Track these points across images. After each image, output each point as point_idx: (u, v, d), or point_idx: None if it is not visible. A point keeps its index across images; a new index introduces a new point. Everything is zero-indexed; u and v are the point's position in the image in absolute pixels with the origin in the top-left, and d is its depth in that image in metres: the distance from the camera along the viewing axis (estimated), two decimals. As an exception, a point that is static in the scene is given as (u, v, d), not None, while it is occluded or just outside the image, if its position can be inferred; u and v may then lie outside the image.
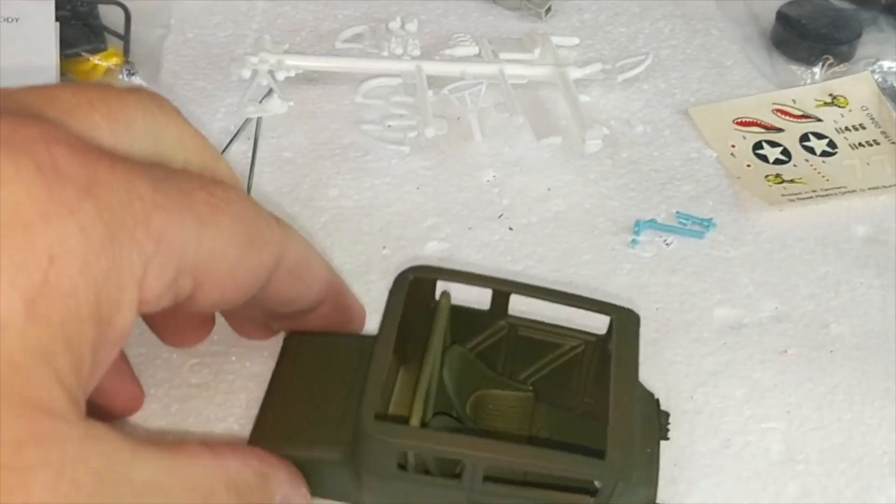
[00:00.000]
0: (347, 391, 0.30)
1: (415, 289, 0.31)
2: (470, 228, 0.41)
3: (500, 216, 0.42)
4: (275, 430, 0.30)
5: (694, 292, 0.39)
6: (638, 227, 0.41)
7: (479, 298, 0.33)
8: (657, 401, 0.32)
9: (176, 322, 0.33)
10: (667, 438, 0.31)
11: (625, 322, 0.31)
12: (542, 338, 0.33)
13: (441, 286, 0.32)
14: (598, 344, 0.33)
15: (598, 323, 0.32)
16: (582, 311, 0.31)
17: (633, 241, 0.41)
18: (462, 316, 0.33)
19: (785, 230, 0.42)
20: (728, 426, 0.35)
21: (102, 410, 0.32)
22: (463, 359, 0.33)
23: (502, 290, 0.32)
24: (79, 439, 0.21)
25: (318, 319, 0.32)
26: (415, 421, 0.28)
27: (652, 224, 0.41)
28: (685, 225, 0.41)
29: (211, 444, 0.26)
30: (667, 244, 0.41)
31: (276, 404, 0.31)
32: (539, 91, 0.47)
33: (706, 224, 0.41)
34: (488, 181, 0.43)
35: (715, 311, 0.38)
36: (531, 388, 0.33)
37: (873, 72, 0.49)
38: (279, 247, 0.27)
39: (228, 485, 0.26)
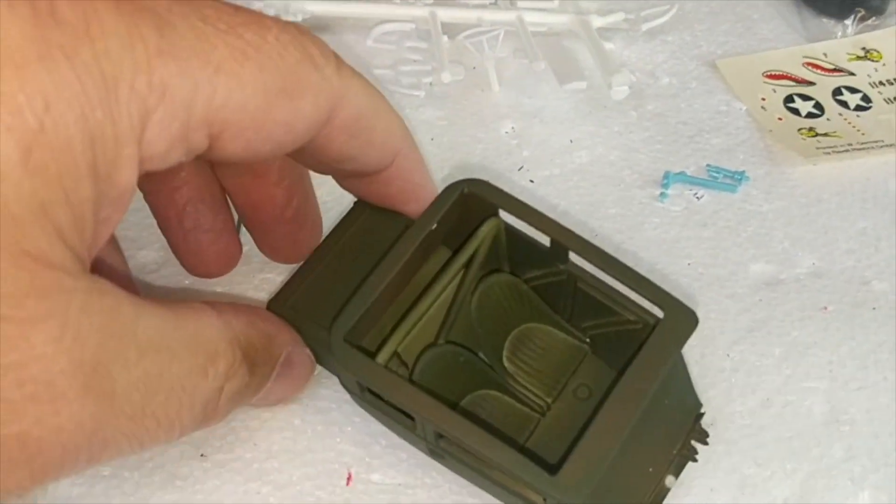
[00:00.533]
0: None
1: (466, 206, 0.29)
2: (488, 181, 0.39)
3: (520, 168, 0.39)
4: (294, 298, 0.29)
5: (727, 247, 0.37)
6: (667, 179, 0.39)
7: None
8: (700, 414, 0.29)
9: (198, 244, 0.31)
10: (694, 460, 0.29)
11: (674, 323, 0.27)
12: (602, 299, 0.29)
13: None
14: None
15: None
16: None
17: (662, 195, 0.39)
18: (519, 245, 0.30)
19: (820, 184, 0.40)
20: (767, 385, 0.33)
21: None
22: (511, 288, 0.30)
23: (562, 242, 0.29)
24: (83, 293, 0.20)
25: (379, 188, 0.29)
26: (383, 356, 0.27)
27: (681, 177, 0.39)
28: (716, 178, 0.39)
29: (216, 304, 0.25)
30: (697, 198, 0.39)
31: (308, 272, 0.30)
32: (559, 40, 0.45)
33: (738, 177, 0.39)
34: (507, 133, 0.41)
35: (750, 267, 0.36)
36: (588, 340, 0.30)
37: (908, 26, 0.47)
38: (330, 98, 0.24)
39: (232, 343, 0.25)
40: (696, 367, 0.32)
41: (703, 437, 0.29)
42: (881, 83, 0.45)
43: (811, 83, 0.44)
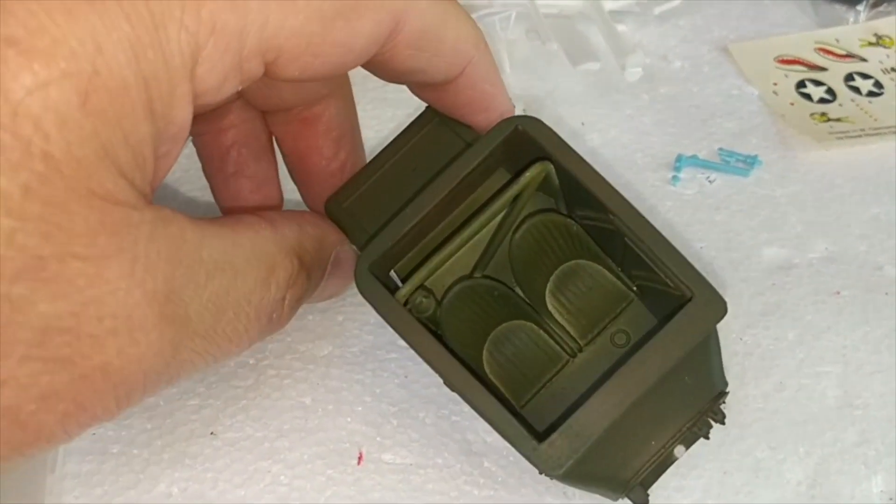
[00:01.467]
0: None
1: (520, 144, 0.28)
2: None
3: (531, 150, 0.39)
4: (349, 202, 0.29)
5: (740, 231, 0.37)
6: (679, 162, 0.39)
7: None
8: (723, 392, 0.28)
9: (238, 190, 0.31)
10: (706, 437, 0.28)
11: (701, 308, 0.26)
12: (644, 258, 0.27)
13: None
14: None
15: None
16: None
17: (674, 178, 0.38)
18: (573, 185, 0.28)
19: (833, 169, 0.39)
20: (781, 369, 0.32)
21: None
22: (561, 228, 0.29)
23: (603, 202, 0.27)
24: (149, 225, 0.20)
25: (449, 97, 0.28)
26: (408, 287, 0.27)
27: (694, 160, 0.39)
28: (729, 162, 0.39)
29: (267, 214, 0.26)
30: (710, 181, 0.38)
31: (367, 176, 0.30)
32: (571, 23, 0.45)
33: (751, 161, 0.39)
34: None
35: (763, 251, 0.36)
36: (636, 289, 0.29)
37: (920, 12, 0.46)
38: (392, 14, 0.24)
39: (289, 252, 0.25)
40: (709, 350, 0.32)
41: (720, 416, 0.28)
42: (893, 69, 0.44)
43: (823, 69, 0.44)
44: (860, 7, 0.47)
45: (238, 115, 0.30)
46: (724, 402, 0.28)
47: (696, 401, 0.27)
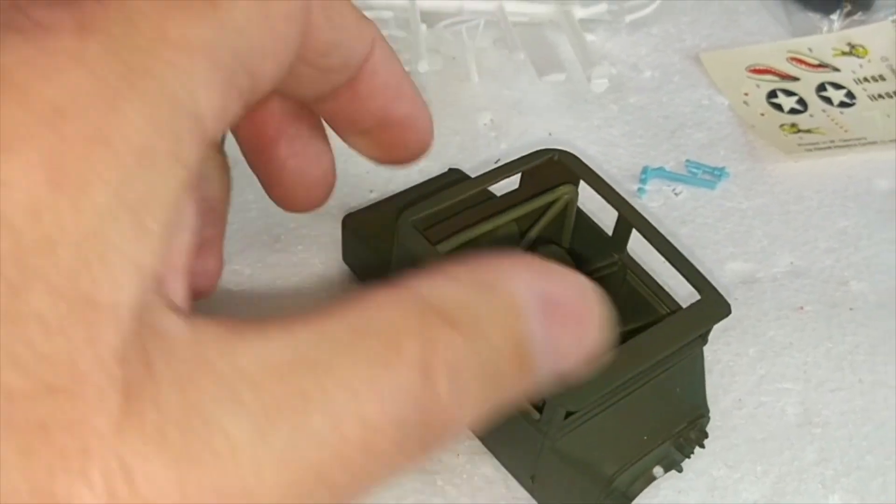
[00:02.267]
0: None
1: (544, 175, 0.31)
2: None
3: (496, 161, 0.39)
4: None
5: (705, 244, 0.36)
6: (645, 174, 0.38)
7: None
8: (701, 417, 0.29)
9: (295, 172, 0.29)
10: (687, 455, 0.29)
11: (707, 306, 0.27)
12: (645, 294, 0.30)
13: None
14: None
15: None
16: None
17: (640, 190, 0.38)
18: (584, 227, 0.32)
19: (802, 182, 0.39)
20: (740, 385, 0.32)
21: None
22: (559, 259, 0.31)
23: (629, 219, 0.30)
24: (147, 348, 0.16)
25: (365, 84, 0.26)
26: (445, 246, 0.29)
27: (660, 172, 0.38)
28: (695, 174, 0.39)
29: (393, 282, 0.19)
30: (676, 194, 0.38)
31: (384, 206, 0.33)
32: (540, 31, 0.44)
33: (718, 173, 0.39)
34: (485, 124, 0.40)
35: (727, 265, 0.36)
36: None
37: (894, 21, 0.46)
38: None
39: (422, 312, 0.18)
40: (668, 367, 0.32)
41: (701, 437, 0.29)
42: (866, 79, 0.44)
43: (795, 79, 0.44)
44: (834, 16, 0.46)
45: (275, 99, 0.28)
46: (703, 427, 0.29)
47: (683, 414, 0.28)
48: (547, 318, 0.19)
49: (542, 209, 0.32)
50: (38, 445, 0.14)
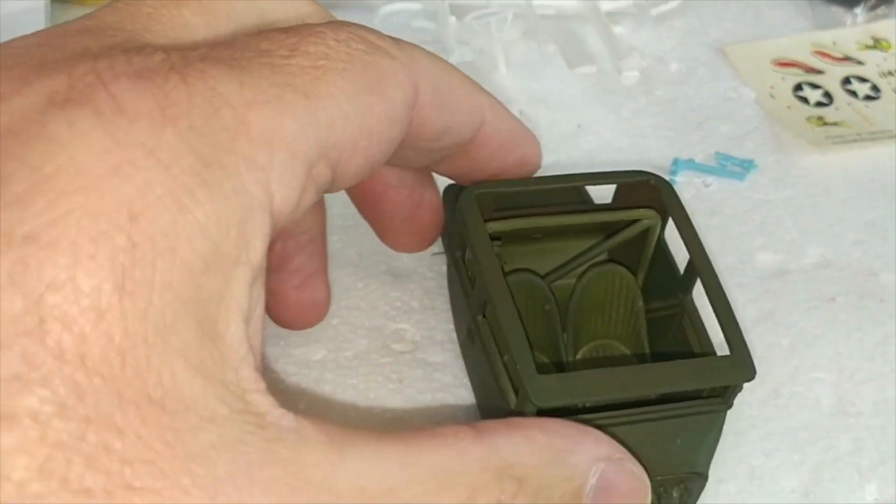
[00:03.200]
0: None
1: (637, 194, 0.30)
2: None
3: (527, 153, 0.39)
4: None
5: (735, 235, 0.37)
6: (676, 166, 0.39)
7: None
8: (693, 479, 0.27)
9: (279, 279, 0.29)
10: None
11: (732, 363, 0.26)
12: (691, 341, 0.29)
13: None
14: None
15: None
16: None
17: (671, 182, 0.38)
18: (660, 259, 0.31)
19: (829, 174, 0.39)
20: (775, 376, 0.32)
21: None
22: (629, 295, 0.31)
23: (697, 265, 0.29)
24: (239, 439, 0.16)
25: (482, 149, 0.27)
26: (496, 226, 0.29)
27: (690, 164, 0.39)
28: (725, 166, 0.39)
29: (479, 425, 0.20)
30: (706, 185, 0.38)
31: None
32: (567, 23, 0.44)
33: (747, 165, 0.39)
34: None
35: (757, 256, 0.36)
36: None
37: (917, 16, 0.46)
38: (410, 76, 0.23)
39: (499, 471, 0.19)
40: (703, 357, 0.32)
41: (685, 499, 0.27)
42: (890, 73, 0.44)
43: (820, 72, 0.44)
44: (857, 10, 0.47)
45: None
46: (694, 488, 0.27)
47: (672, 466, 0.27)
48: (600, 498, 0.21)
49: (617, 226, 0.31)
50: None
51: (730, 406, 0.27)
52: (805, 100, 0.43)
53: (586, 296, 0.31)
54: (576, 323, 0.31)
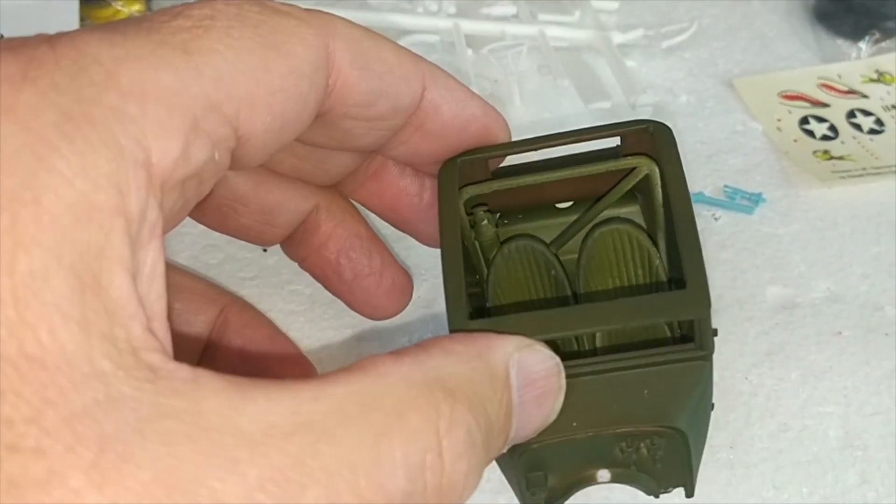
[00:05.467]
0: None
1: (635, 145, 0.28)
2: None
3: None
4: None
5: (745, 269, 0.38)
6: (686, 199, 0.39)
7: None
8: (664, 434, 0.25)
9: (366, 291, 0.31)
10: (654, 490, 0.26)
11: (686, 297, 0.24)
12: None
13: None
14: None
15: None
16: None
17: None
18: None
19: (835, 208, 0.40)
20: (785, 409, 0.33)
21: None
22: (641, 250, 0.30)
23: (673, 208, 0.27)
24: (128, 400, 0.16)
25: (432, 122, 0.27)
26: (471, 191, 0.29)
27: (699, 197, 0.40)
28: (734, 199, 0.40)
29: (399, 351, 0.19)
30: (715, 218, 0.39)
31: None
32: (581, 55, 0.45)
33: (755, 199, 0.40)
34: (528, 147, 0.41)
35: (767, 290, 0.37)
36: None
37: (919, 49, 0.47)
38: (319, 35, 0.22)
39: (427, 387, 0.18)
40: (715, 391, 0.33)
41: (654, 452, 0.25)
42: (893, 106, 0.45)
43: (826, 105, 0.45)
44: (862, 43, 0.48)
45: (327, 224, 0.30)
46: (671, 445, 0.25)
47: (638, 418, 0.24)
48: (524, 391, 0.21)
49: (613, 179, 0.29)
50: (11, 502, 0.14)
51: (706, 351, 0.25)
52: (811, 133, 0.44)
53: (594, 258, 0.29)
54: (588, 286, 0.29)
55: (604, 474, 0.25)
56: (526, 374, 0.22)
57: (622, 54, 0.44)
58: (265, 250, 0.37)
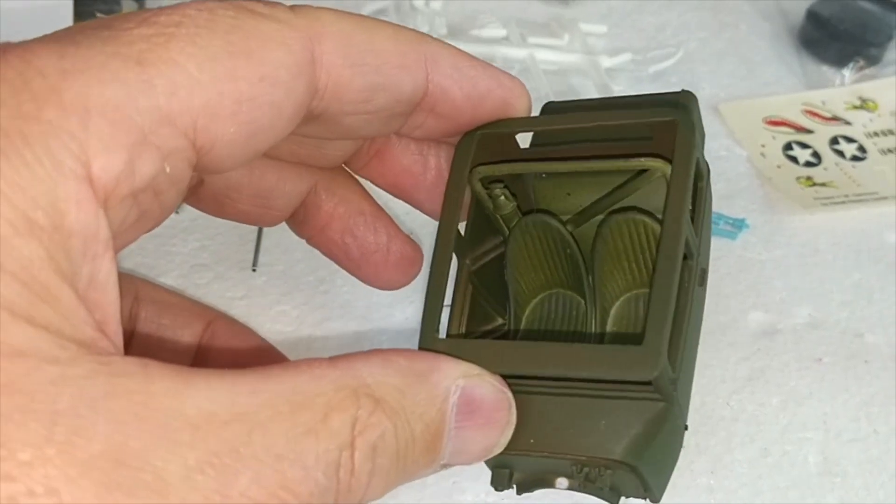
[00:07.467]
0: None
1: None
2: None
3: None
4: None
5: (728, 294, 0.38)
6: (671, 224, 0.40)
7: None
8: (621, 462, 0.24)
9: (374, 267, 0.31)
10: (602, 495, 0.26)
11: (636, 357, 0.23)
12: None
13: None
14: None
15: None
16: None
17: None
18: None
19: (817, 235, 0.41)
20: (765, 435, 0.34)
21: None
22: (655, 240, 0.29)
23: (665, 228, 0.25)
24: (82, 378, 0.17)
25: (442, 108, 0.26)
26: (484, 170, 0.28)
27: (685, 222, 0.40)
28: (717, 224, 0.40)
29: (340, 356, 0.20)
30: (700, 243, 0.40)
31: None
32: (569, 79, 0.46)
33: (738, 224, 0.41)
34: (516, 169, 0.42)
35: (749, 315, 0.37)
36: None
37: (902, 77, 0.48)
38: (301, 38, 0.22)
39: (354, 391, 0.20)
40: (696, 415, 0.33)
41: (602, 482, 0.25)
42: (876, 133, 0.46)
43: (810, 131, 0.46)
44: (846, 70, 0.48)
45: (328, 203, 0.30)
46: (626, 480, 0.25)
47: (588, 448, 0.24)
48: (464, 418, 0.22)
49: (629, 172, 0.28)
50: None
51: (664, 398, 0.24)
52: (795, 159, 0.44)
53: (606, 244, 0.29)
54: (602, 270, 0.29)
55: (562, 482, 0.26)
56: (469, 402, 0.22)
57: (609, 78, 0.45)
58: (254, 269, 0.37)
